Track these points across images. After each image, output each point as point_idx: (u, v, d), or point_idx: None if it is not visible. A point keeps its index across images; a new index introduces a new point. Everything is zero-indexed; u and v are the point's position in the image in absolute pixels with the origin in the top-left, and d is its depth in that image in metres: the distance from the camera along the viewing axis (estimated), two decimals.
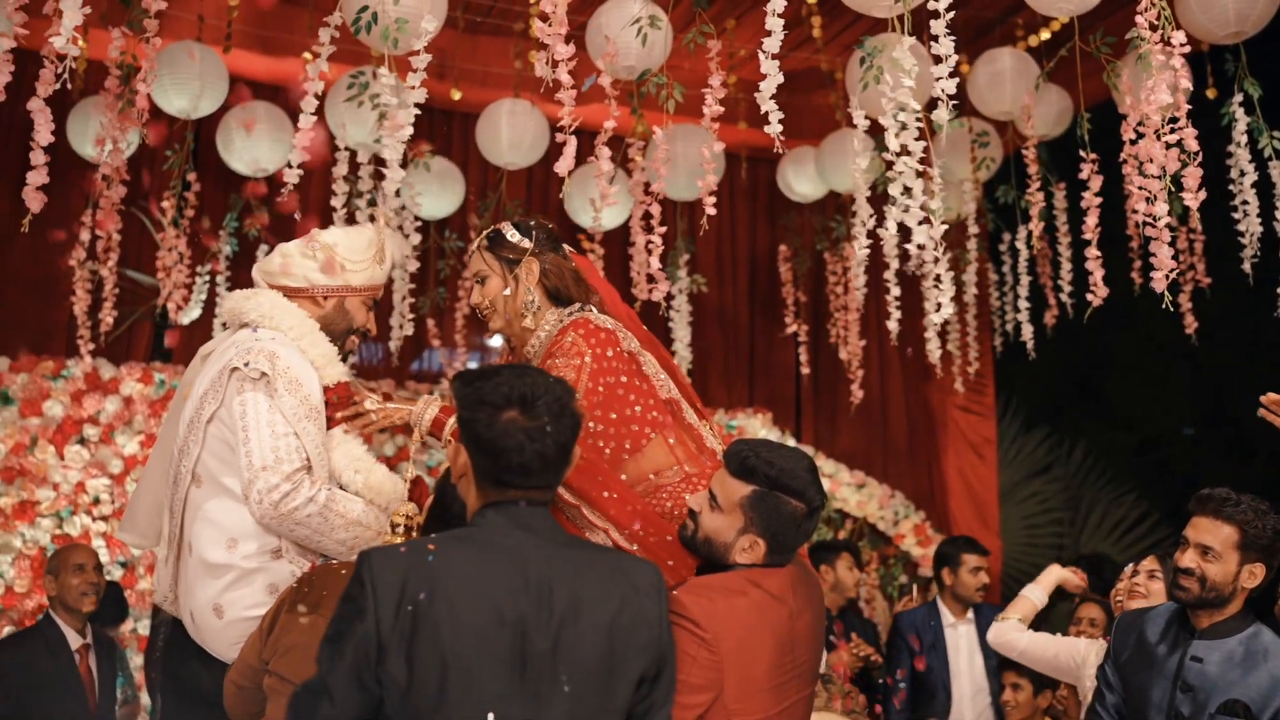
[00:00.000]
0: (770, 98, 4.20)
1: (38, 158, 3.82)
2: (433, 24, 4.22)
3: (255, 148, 6.19)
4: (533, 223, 3.43)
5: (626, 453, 3.15)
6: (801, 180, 7.15)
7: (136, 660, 5.88)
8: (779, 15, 4.02)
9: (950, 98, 3.99)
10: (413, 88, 4.28)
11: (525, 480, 2.30)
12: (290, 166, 4.14)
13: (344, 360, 3.43)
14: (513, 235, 3.36)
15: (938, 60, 4.08)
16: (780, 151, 4.13)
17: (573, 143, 4.11)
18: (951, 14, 4.09)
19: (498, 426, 2.27)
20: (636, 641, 2.27)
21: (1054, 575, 4.70)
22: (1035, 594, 4.57)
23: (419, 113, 4.38)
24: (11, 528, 6.07)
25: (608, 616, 2.24)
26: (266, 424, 3.09)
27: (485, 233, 3.43)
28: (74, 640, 4.90)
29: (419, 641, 2.13)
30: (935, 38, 4.17)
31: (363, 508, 3.18)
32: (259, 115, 6.21)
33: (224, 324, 3.54)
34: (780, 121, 4.10)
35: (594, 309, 3.34)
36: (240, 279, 6.72)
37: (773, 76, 4.02)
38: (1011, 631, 4.43)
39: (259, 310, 3.31)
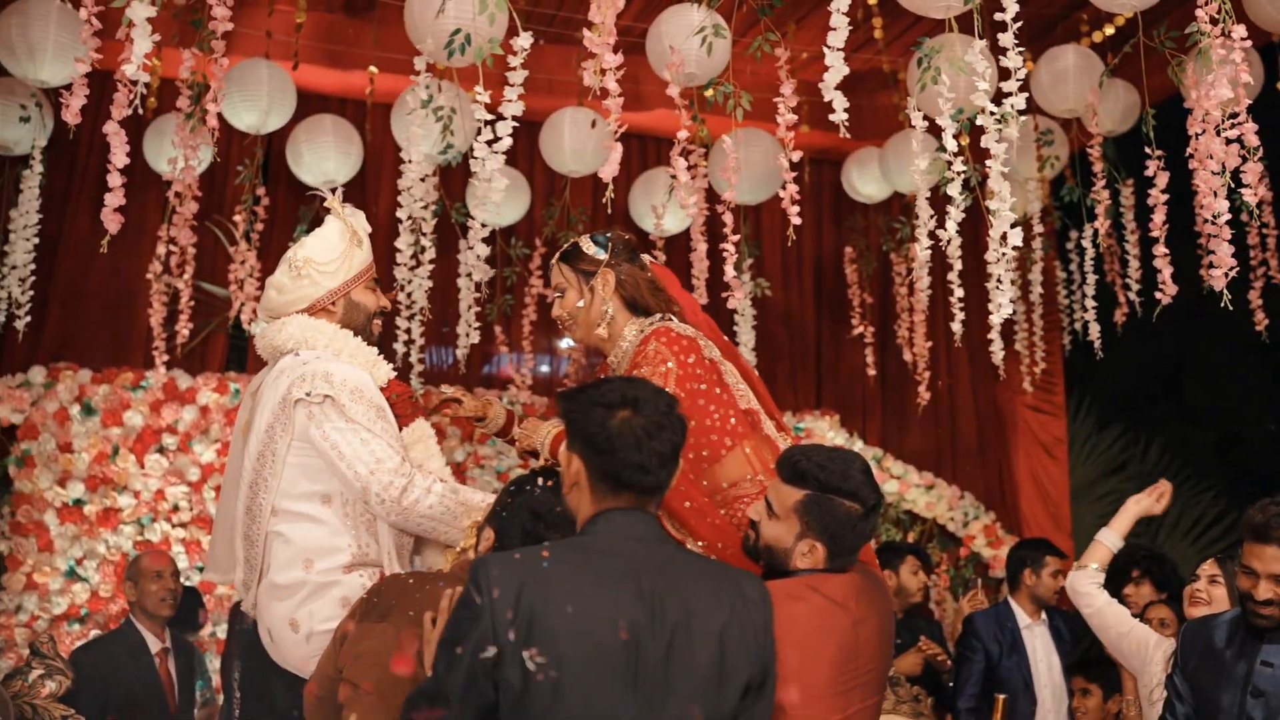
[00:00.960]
0: (835, 87, 4.19)
1: (114, 179, 3.92)
2: (527, 41, 4.29)
3: (324, 161, 6.31)
4: (609, 235, 3.48)
5: (705, 461, 3.18)
6: (866, 181, 7.14)
7: (215, 664, 6.02)
8: (843, 13, 4.01)
9: (1004, 96, 3.97)
10: (510, 100, 4.37)
11: (642, 479, 2.33)
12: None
13: (375, 344, 3.54)
14: (589, 248, 3.43)
15: (1005, 73, 4.06)
16: (845, 134, 4.12)
17: (618, 149, 4.15)
18: (1017, 13, 4.07)
19: (612, 425, 2.32)
20: (745, 650, 2.30)
21: (1131, 512, 4.45)
22: (1111, 539, 4.40)
23: (484, 122, 4.46)
24: (96, 534, 6.25)
25: (718, 625, 2.28)
26: (354, 436, 3.19)
27: (564, 246, 3.50)
28: (154, 644, 5.03)
29: (533, 647, 2.17)
30: (996, 37, 4.17)
31: (482, 497, 3.29)
32: (327, 128, 6.33)
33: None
34: (845, 124, 4.11)
35: (674, 319, 3.38)
36: None
37: (837, 68, 4.02)
38: (1090, 584, 4.31)
39: (293, 336, 3.41)
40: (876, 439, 7.79)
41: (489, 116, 4.31)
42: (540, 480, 2.85)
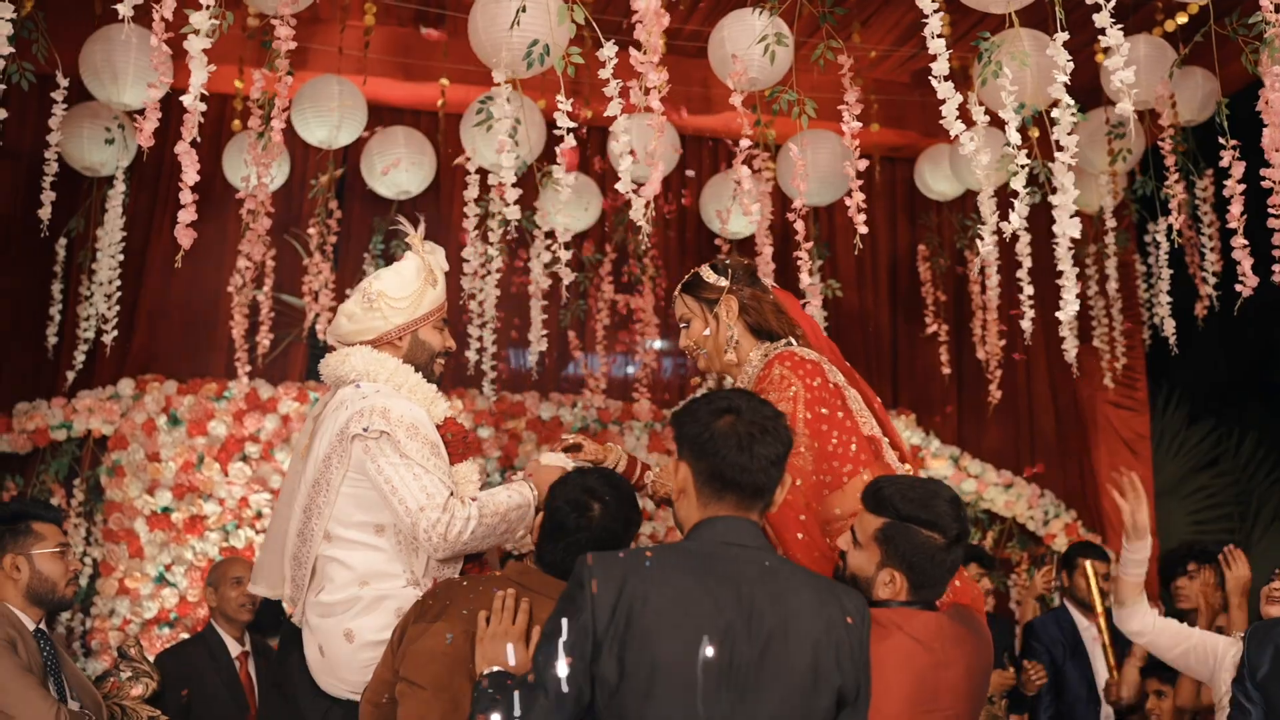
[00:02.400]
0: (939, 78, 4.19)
1: (185, 197, 4.03)
2: (613, 49, 4.33)
3: (397, 172, 6.42)
4: (729, 261, 3.50)
5: (826, 487, 3.15)
6: (938, 178, 7.10)
7: None
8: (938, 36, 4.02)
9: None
10: (615, 117, 4.40)
11: (746, 479, 2.38)
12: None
13: (436, 382, 3.60)
14: (709, 275, 3.46)
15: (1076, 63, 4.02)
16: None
17: (660, 168, 4.18)
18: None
19: (717, 429, 2.39)
20: (840, 661, 2.32)
21: (1130, 524, 4.09)
22: (1129, 571, 4.09)
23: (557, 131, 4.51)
24: (183, 540, 6.43)
25: (815, 635, 2.30)
26: (407, 473, 3.23)
27: (685, 277, 3.54)
28: (234, 648, 5.16)
29: (631, 643, 2.22)
30: (1056, 30, 4.13)
31: (505, 493, 3.33)
32: (399, 140, 6.43)
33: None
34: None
35: (795, 342, 3.39)
36: None
37: (942, 57, 4.03)
38: (1132, 621, 4.11)
39: (355, 368, 3.46)
40: (953, 438, 7.72)
41: (570, 125, 4.33)
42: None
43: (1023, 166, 4.31)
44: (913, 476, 3.01)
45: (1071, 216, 4.01)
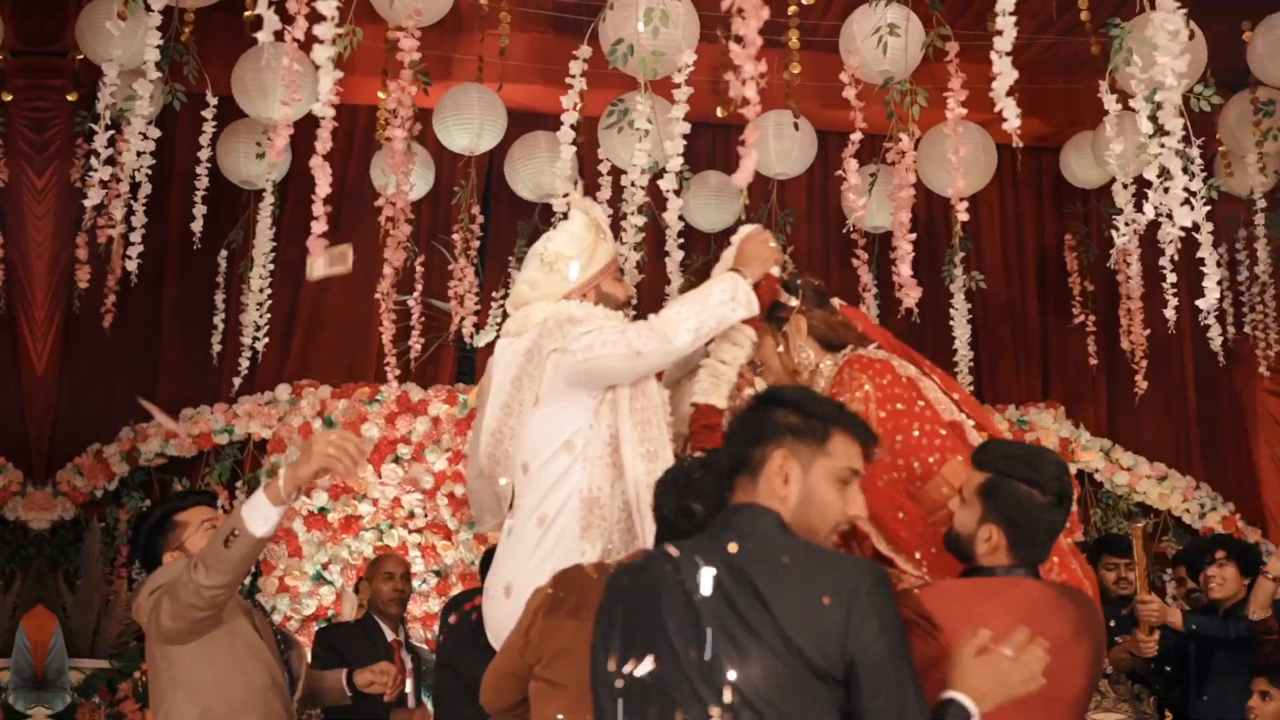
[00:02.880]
0: (1018, 96, 4.13)
1: (317, 209, 4.15)
2: (690, 57, 4.36)
3: (539, 176, 6.53)
4: (799, 281, 3.48)
5: (918, 478, 3.13)
6: (1084, 166, 6.96)
7: None
8: (1010, 14, 3.94)
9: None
10: (676, 119, 4.44)
11: None
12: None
13: None
14: (780, 294, 3.43)
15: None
16: (1018, 145, 4.05)
17: (753, 156, 4.12)
18: None
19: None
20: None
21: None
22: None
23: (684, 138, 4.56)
24: (339, 540, 6.65)
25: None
26: (595, 336, 3.24)
27: None
28: (389, 634, 5.33)
29: None
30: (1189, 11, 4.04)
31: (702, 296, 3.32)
32: (540, 144, 6.55)
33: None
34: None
35: (865, 349, 3.39)
36: None
37: (1006, 75, 3.97)
38: None
39: (539, 320, 3.43)
40: (1104, 430, 7.55)
41: (647, 126, 4.36)
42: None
43: (1155, 155, 4.21)
44: (1017, 441, 2.99)
45: (1183, 204, 3.89)
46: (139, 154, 4.75)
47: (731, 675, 2.18)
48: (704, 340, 3.31)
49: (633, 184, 5.40)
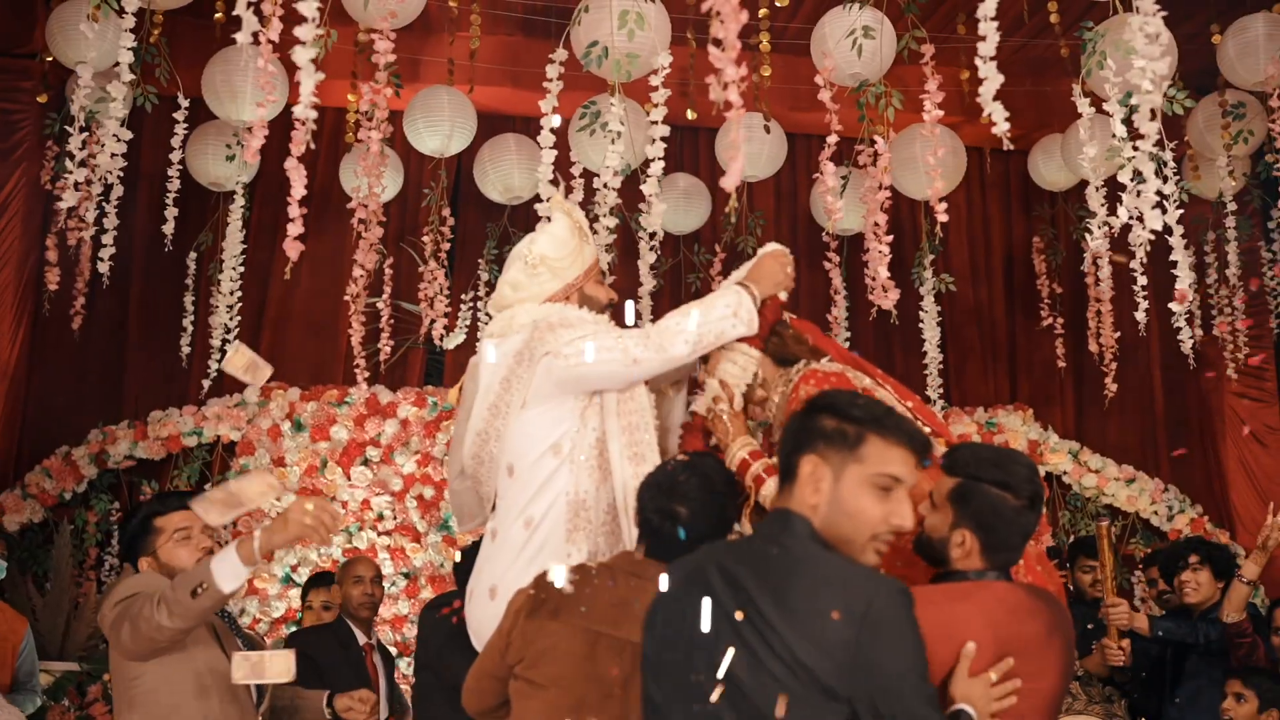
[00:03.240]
0: (994, 99, 4.15)
1: (293, 211, 4.15)
2: (666, 59, 4.36)
3: (509, 175, 6.53)
4: None
5: None
6: (1052, 169, 6.99)
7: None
8: (991, 19, 3.96)
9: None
10: (655, 122, 4.44)
11: None
12: None
13: None
14: (782, 317, 3.45)
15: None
16: (1009, 149, 4.07)
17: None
18: None
19: None
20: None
21: None
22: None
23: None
24: (308, 543, 6.59)
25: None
26: (593, 341, 3.22)
27: None
28: (361, 639, 5.31)
29: None
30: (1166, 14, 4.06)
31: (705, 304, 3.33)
32: (510, 146, 6.54)
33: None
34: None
35: (818, 362, 3.40)
36: None
37: (991, 80, 3.99)
38: None
39: (523, 322, 3.41)
40: (1071, 432, 7.59)
41: (619, 128, 4.37)
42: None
43: (1129, 158, 4.24)
44: (994, 445, 3.01)
45: (1154, 207, 3.91)
46: (113, 156, 4.70)
47: (742, 685, 2.20)
48: (702, 352, 3.31)
49: (605, 185, 5.40)
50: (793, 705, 2.18)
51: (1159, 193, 4.12)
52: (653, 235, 6.12)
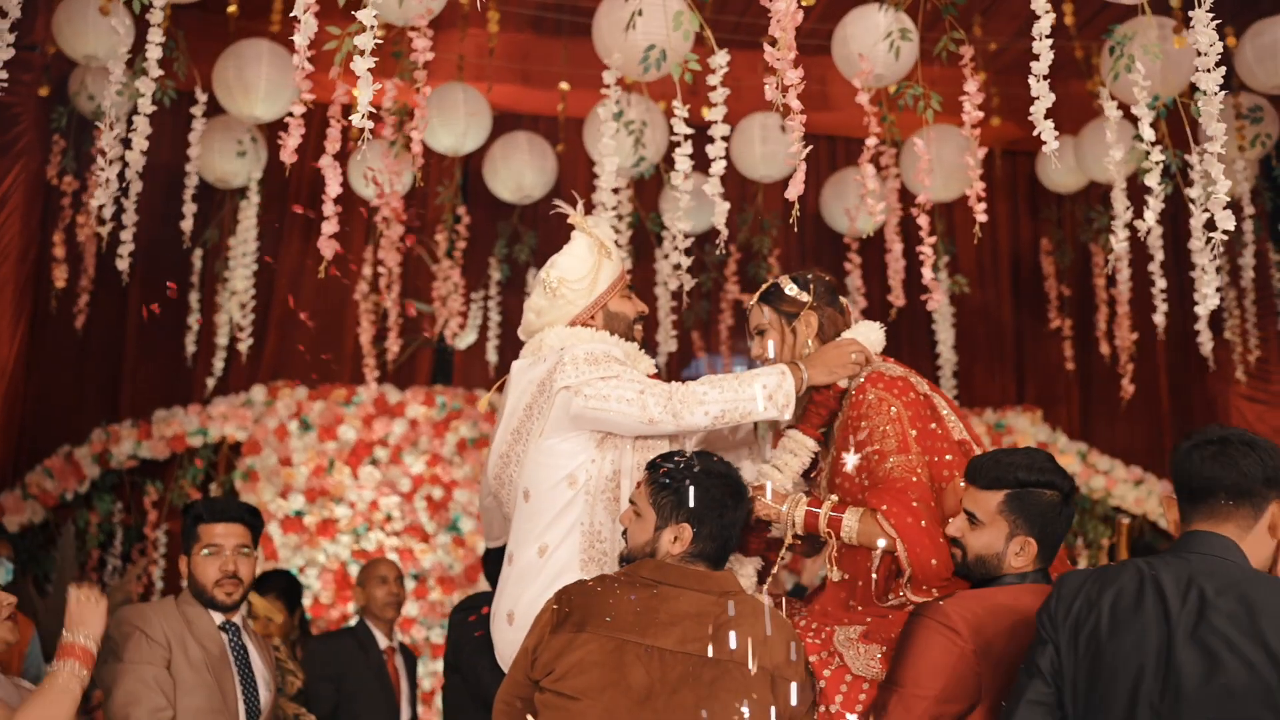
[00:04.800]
0: (1045, 118, 4.12)
1: (328, 209, 4.09)
2: (725, 58, 4.33)
3: (520, 174, 6.48)
4: (811, 276, 3.44)
5: (939, 493, 3.13)
6: (1061, 171, 6.98)
7: (431, 666, 6.29)
8: (1045, 36, 3.93)
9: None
10: (715, 122, 4.41)
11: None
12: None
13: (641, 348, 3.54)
14: (791, 289, 3.40)
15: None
16: (1057, 165, 4.05)
17: (803, 168, 4.10)
18: None
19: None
20: None
21: None
22: None
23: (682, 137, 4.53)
24: (315, 544, 6.56)
25: None
26: (613, 386, 3.19)
27: (764, 287, 3.47)
28: (382, 642, 5.27)
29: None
30: (1188, 16, 4.04)
31: (736, 381, 3.26)
32: (521, 145, 6.49)
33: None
34: (1055, 154, 4.00)
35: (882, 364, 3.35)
36: (510, 303, 7.05)
37: (1044, 98, 3.97)
38: None
39: (552, 346, 3.39)
40: (1079, 434, 7.61)
41: (686, 130, 4.33)
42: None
43: (1157, 163, 4.23)
44: (1006, 448, 3.03)
45: (1225, 208, 3.91)
46: (143, 153, 4.62)
47: (1196, 684, 2.28)
48: (722, 426, 3.25)
49: (629, 184, 5.37)
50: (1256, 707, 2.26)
51: (1178, 195, 4.11)
52: (656, 237, 6.08)
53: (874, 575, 3.07)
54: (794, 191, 4.09)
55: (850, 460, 3.16)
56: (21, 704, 3.19)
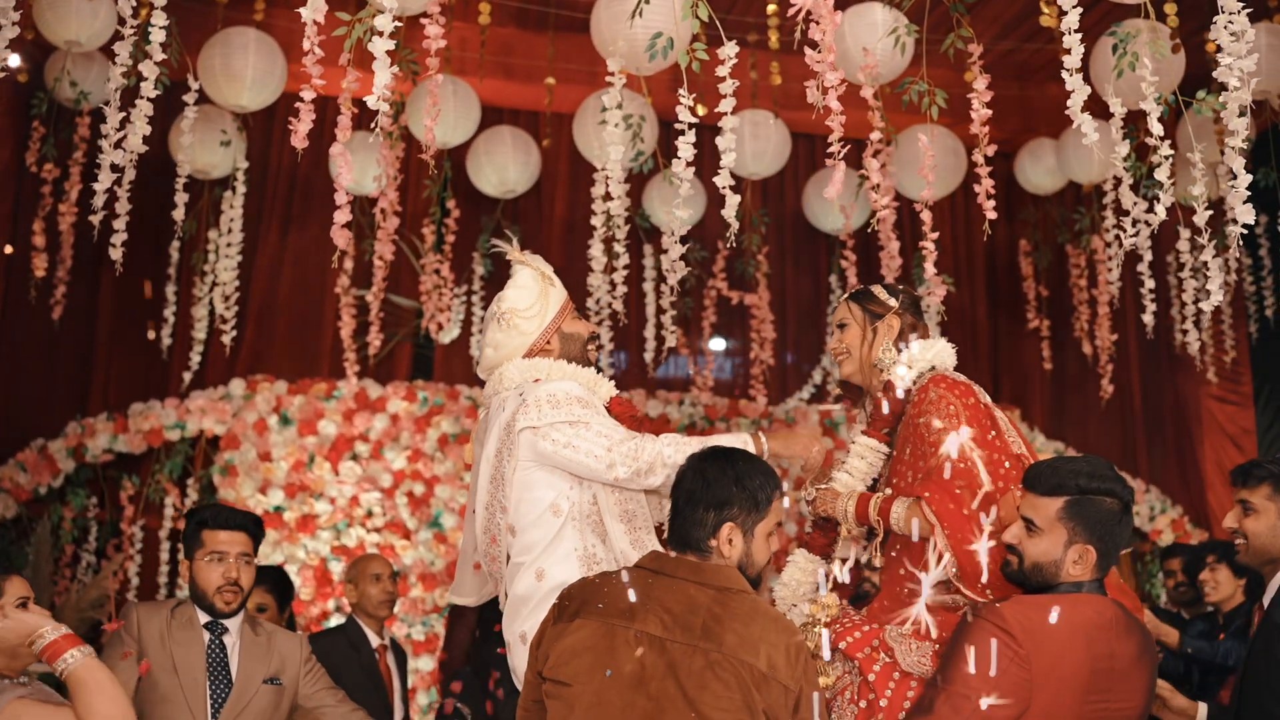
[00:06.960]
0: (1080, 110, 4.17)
1: (340, 198, 4.04)
2: (733, 49, 4.33)
3: (504, 169, 6.44)
4: (902, 288, 3.60)
5: (994, 499, 3.14)
6: (1040, 173, 7.06)
7: (418, 664, 6.24)
8: (1075, 31, 3.98)
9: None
10: (725, 114, 4.40)
11: None
12: None
13: (596, 368, 3.70)
14: (880, 293, 3.56)
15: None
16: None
17: (841, 168, 4.16)
18: None
19: None
20: None
21: None
22: None
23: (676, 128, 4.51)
24: (296, 540, 6.47)
25: None
26: (582, 434, 3.33)
27: (855, 289, 3.64)
28: (374, 640, 5.21)
29: None
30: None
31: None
32: (506, 139, 6.45)
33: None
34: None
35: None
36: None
37: (1079, 91, 4.04)
38: None
39: (513, 380, 3.54)
40: (1055, 434, 7.68)
41: (690, 119, 4.33)
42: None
43: (1166, 157, 4.28)
44: (1064, 456, 3.05)
45: (1245, 203, 3.97)
46: (144, 139, 4.53)
47: None
48: None
49: (624, 180, 5.34)
50: None
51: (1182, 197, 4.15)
52: (646, 232, 6.06)
53: (929, 563, 3.11)
54: (833, 192, 4.16)
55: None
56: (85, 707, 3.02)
